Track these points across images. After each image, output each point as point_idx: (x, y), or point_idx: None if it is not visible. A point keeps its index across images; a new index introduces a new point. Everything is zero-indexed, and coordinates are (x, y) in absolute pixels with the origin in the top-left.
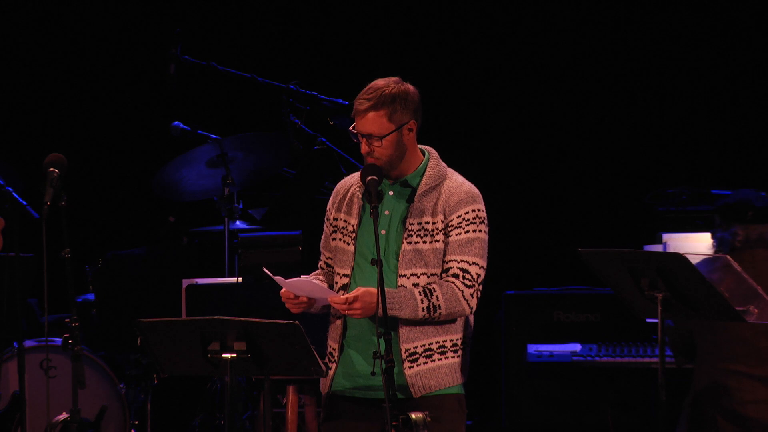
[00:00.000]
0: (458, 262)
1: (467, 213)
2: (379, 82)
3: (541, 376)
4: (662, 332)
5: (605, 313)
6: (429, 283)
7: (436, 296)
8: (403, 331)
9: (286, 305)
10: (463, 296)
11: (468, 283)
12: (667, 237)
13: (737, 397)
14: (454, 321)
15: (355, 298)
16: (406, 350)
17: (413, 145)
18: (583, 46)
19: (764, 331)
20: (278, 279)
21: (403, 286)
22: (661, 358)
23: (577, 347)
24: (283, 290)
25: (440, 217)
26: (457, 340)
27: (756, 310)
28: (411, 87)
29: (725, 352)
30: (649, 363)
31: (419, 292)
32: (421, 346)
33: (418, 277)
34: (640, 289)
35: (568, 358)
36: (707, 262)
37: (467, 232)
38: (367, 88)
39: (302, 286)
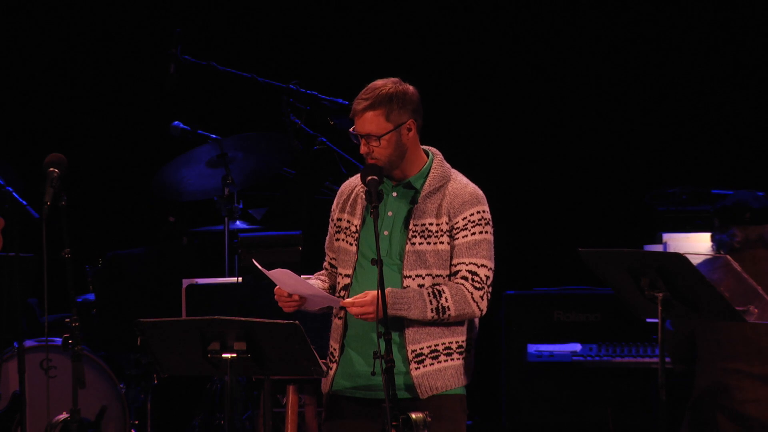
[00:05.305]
0: (467, 265)
1: (472, 215)
2: (378, 82)
3: (541, 376)
4: (662, 332)
5: (605, 313)
6: (438, 285)
7: (445, 297)
8: (410, 332)
9: (279, 303)
10: (473, 298)
11: (477, 285)
12: (667, 237)
13: (738, 396)
14: (462, 323)
15: (364, 301)
16: (413, 351)
17: (414, 145)
18: (583, 46)
19: (766, 331)
20: (263, 270)
21: (409, 287)
22: (661, 358)
23: (577, 347)
24: (276, 288)
25: (445, 218)
26: (462, 342)
27: (756, 310)
28: (410, 87)
29: (726, 351)
30: (649, 363)
31: (428, 293)
32: (428, 347)
33: (423, 278)
34: (640, 289)
35: (568, 358)
36: (707, 262)
37: (473, 234)
38: (365, 88)
39: (286, 279)
